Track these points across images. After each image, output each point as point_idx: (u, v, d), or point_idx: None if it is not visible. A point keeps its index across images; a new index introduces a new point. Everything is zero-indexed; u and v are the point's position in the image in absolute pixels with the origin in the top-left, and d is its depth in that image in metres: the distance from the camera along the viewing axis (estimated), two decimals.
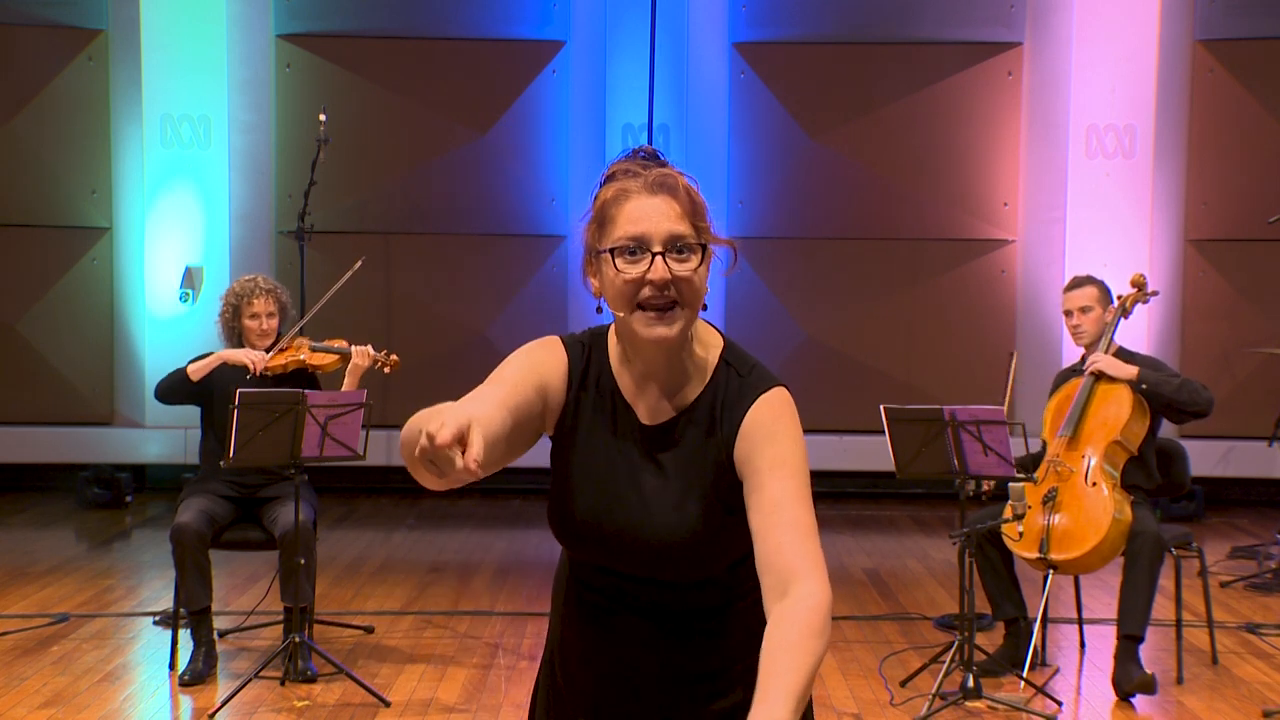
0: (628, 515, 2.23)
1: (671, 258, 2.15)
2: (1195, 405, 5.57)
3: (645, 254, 2.15)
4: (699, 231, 2.18)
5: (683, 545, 2.21)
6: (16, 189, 9.63)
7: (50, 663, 5.78)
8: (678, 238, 2.16)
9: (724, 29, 9.63)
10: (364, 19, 9.64)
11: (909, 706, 5.28)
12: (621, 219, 2.17)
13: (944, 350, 9.62)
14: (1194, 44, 9.44)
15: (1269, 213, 8.13)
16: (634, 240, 2.15)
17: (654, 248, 2.15)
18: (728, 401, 2.23)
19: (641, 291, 2.15)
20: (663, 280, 2.14)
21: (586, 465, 2.26)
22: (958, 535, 5.24)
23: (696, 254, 2.17)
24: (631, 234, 2.16)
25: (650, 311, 2.16)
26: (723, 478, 2.22)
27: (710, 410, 2.24)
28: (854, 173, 9.60)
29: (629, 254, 2.16)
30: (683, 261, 2.16)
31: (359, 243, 9.58)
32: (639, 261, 2.15)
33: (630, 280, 2.15)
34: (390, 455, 9.48)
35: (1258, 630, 6.35)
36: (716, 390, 2.25)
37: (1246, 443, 9.22)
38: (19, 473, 9.86)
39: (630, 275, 2.15)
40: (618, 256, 2.16)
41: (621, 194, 2.18)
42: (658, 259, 2.15)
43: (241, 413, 5.30)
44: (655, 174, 2.19)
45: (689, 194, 2.19)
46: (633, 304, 2.16)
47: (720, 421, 2.23)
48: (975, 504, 5.79)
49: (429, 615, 6.60)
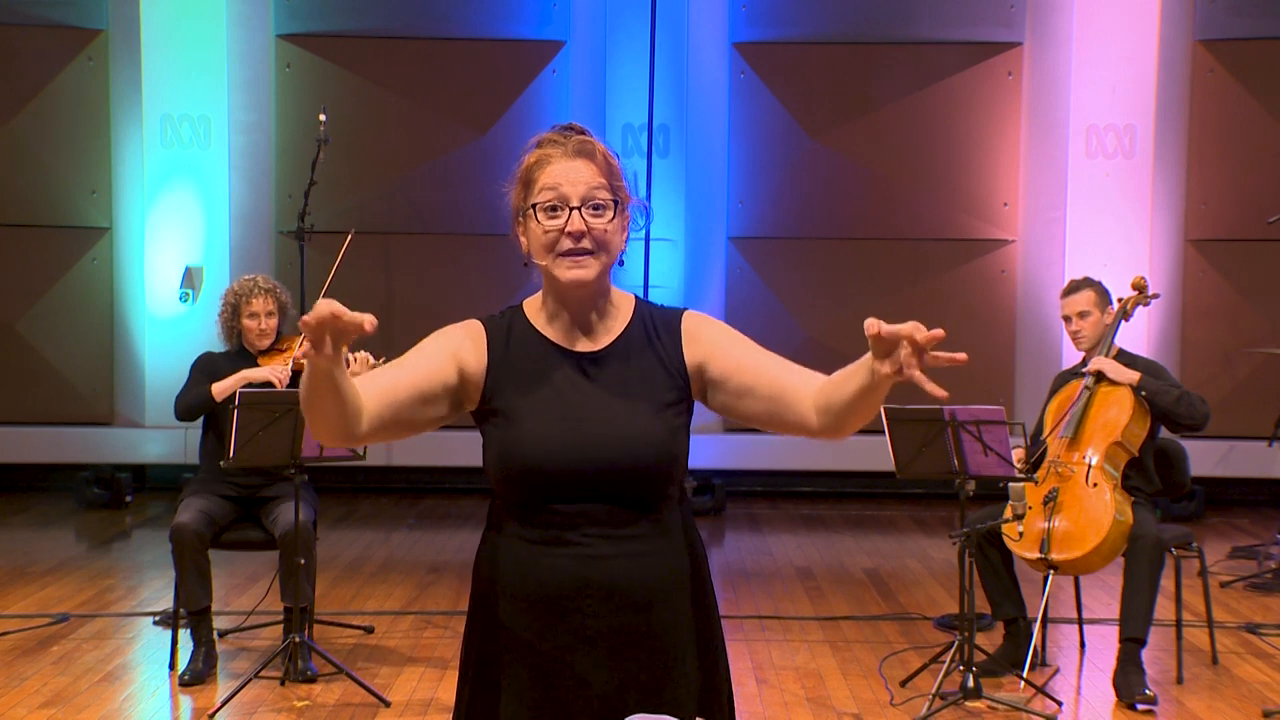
0: (599, 436, 2.41)
1: (588, 212, 2.43)
2: (1192, 419, 5.58)
3: (564, 209, 2.43)
4: (614, 190, 2.46)
5: (652, 450, 2.42)
6: (16, 189, 9.63)
7: (50, 663, 5.78)
8: (593, 195, 2.43)
9: (724, 29, 9.63)
10: (364, 19, 9.64)
11: (909, 706, 5.28)
12: (544, 179, 2.45)
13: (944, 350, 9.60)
14: (1194, 44, 9.44)
15: (1269, 213, 8.13)
16: (554, 197, 2.44)
17: (572, 203, 2.43)
18: (657, 326, 2.53)
19: (561, 242, 2.43)
20: (579, 231, 2.42)
21: (537, 409, 2.44)
22: (958, 535, 5.24)
23: (610, 209, 2.45)
24: (552, 192, 2.44)
25: (567, 258, 2.42)
26: (673, 386, 2.48)
27: (644, 335, 2.51)
28: (854, 173, 9.60)
29: (550, 210, 2.44)
30: (598, 216, 2.44)
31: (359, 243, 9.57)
32: (558, 216, 2.43)
33: (550, 232, 2.43)
34: (390, 455, 9.49)
35: (1258, 630, 6.35)
36: (642, 322, 2.53)
37: (1246, 443, 9.22)
38: (19, 473, 9.86)
39: (550, 227, 2.43)
40: (540, 212, 2.44)
41: (544, 158, 2.47)
42: (575, 213, 2.43)
43: (241, 413, 5.30)
44: (576, 140, 2.47)
45: (606, 158, 2.47)
46: (554, 253, 2.44)
47: (658, 341, 2.51)
48: (975, 504, 5.79)
49: (429, 615, 6.60)
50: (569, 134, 2.48)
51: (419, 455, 9.48)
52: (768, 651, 6.02)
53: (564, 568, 2.42)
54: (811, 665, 5.83)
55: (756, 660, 5.89)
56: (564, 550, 2.42)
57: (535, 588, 2.43)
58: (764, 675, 5.70)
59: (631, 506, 2.44)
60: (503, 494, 2.48)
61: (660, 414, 2.45)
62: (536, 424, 2.42)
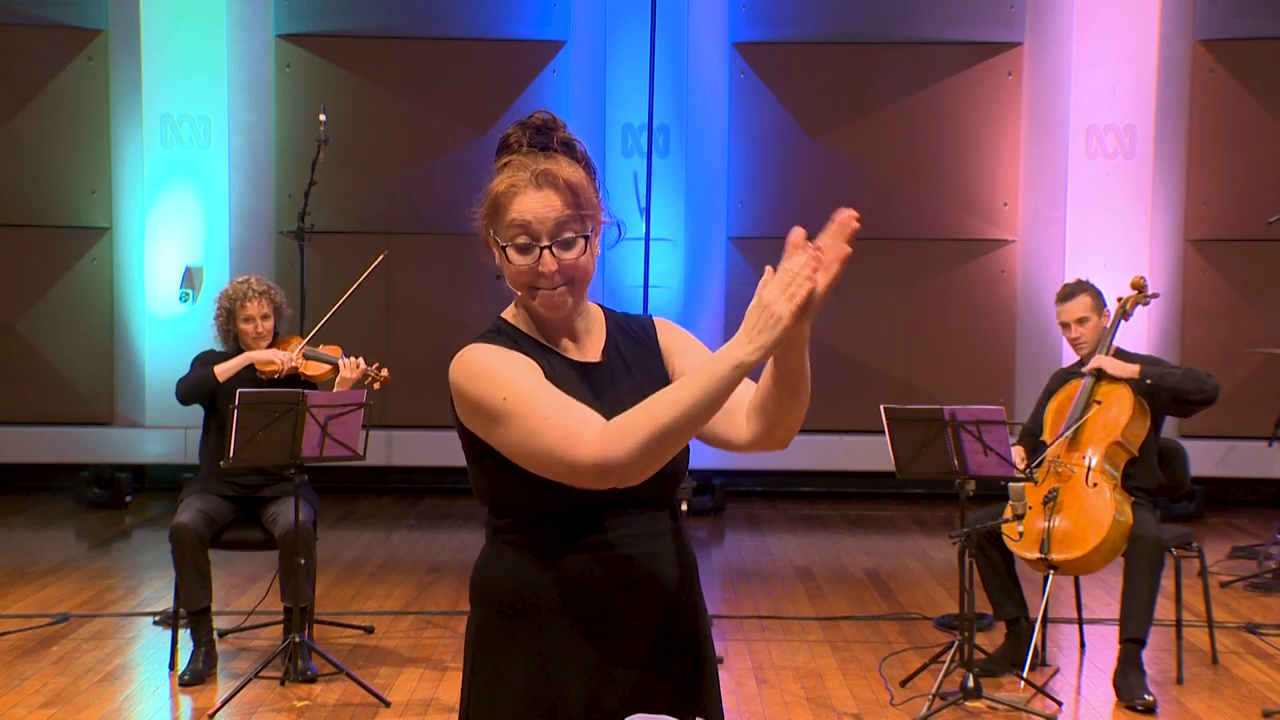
0: None
1: (558, 249, 2.40)
2: (1202, 393, 5.56)
3: (535, 247, 2.40)
4: (583, 221, 2.42)
5: None
6: (16, 189, 9.63)
7: (50, 663, 5.78)
8: (561, 231, 2.39)
9: (724, 29, 9.63)
10: (364, 19, 9.64)
11: (909, 706, 5.28)
12: (512, 211, 2.41)
13: (944, 350, 9.62)
14: (1194, 44, 9.44)
15: (1269, 213, 8.13)
16: (524, 234, 2.40)
17: (541, 241, 2.40)
18: (632, 329, 2.56)
19: (534, 279, 2.42)
20: (551, 273, 2.40)
21: None
22: (958, 535, 5.24)
23: (580, 243, 2.41)
24: (521, 230, 2.40)
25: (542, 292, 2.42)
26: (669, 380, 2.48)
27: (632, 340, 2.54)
28: (854, 173, 9.60)
29: (520, 249, 2.41)
30: (568, 250, 2.40)
31: (359, 243, 9.59)
32: (530, 253, 2.41)
33: (524, 272, 2.42)
34: (390, 455, 9.49)
35: (1258, 630, 6.35)
36: (618, 325, 2.56)
37: (1246, 443, 9.22)
38: (19, 473, 9.87)
39: (523, 266, 2.41)
40: (510, 249, 2.42)
41: (511, 189, 2.41)
42: (545, 253, 2.40)
43: (241, 413, 5.30)
44: (540, 168, 2.41)
45: (569, 186, 2.40)
46: (528, 289, 2.44)
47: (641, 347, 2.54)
48: (975, 504, 5.78)
49: (429, 615, 6.60)
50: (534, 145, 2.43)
51: (419, 455, 9.48)
52: (768, 651, 6.02)
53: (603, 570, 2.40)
54: (811, 665, 5.83)
55: (756, 660, 5.89)
56: (603, 554, 2.40)
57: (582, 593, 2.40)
58: (764, 675, 5.70)
59: (656, 507, 2.45)
60: (527, 503, 2.43)
61: None
62: None
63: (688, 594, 2.50)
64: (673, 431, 2.19)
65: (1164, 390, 5.58)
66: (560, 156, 2.43)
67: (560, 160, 2.43)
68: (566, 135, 2.46)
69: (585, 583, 2.40)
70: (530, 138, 2.44)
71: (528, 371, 2.37)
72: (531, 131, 2.45)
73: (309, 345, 6.04)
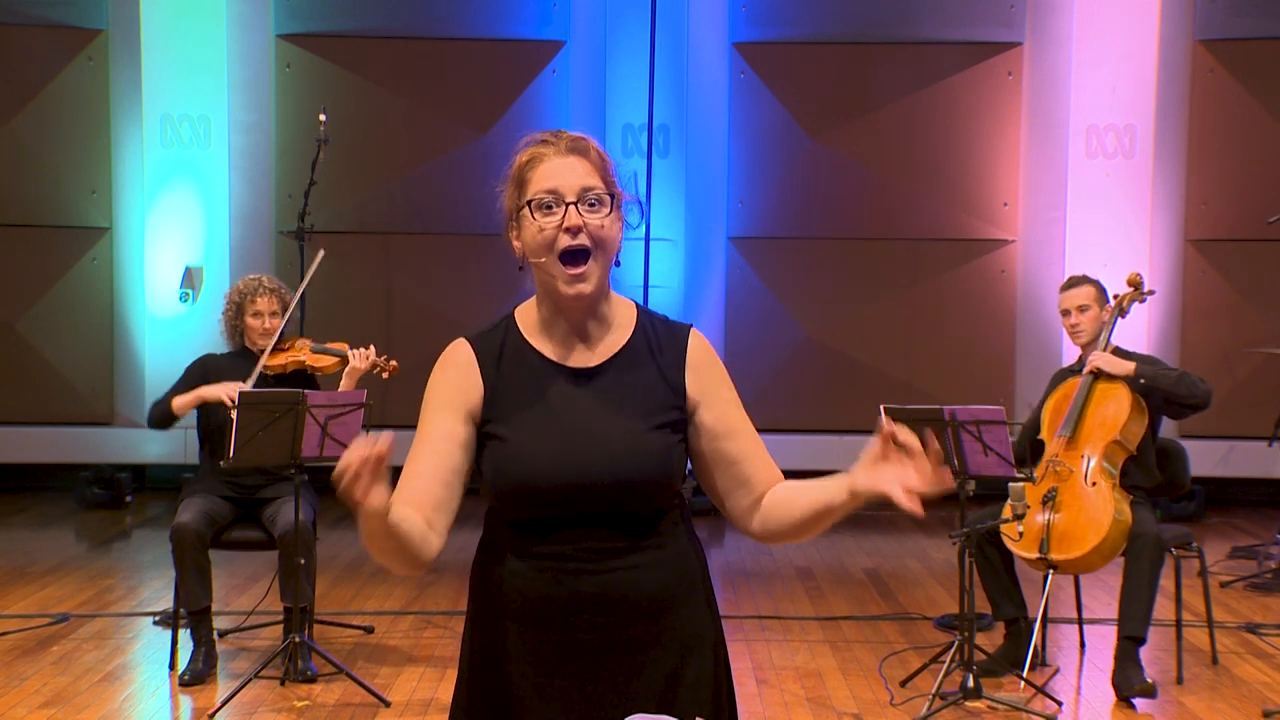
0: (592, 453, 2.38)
1: (584, 208, 2.38)
2: (1194, 398, 5.57)
3: (560, 206, 2.38)
4: (608, 185, 2.42)
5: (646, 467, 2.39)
6: (16, 189, 9.64)
7: (50, 663, 5.78)
8: (589, 190, 2.39)
9: (724, 29, 9.63)
10: (364, 19, 9.64)
11: (909, 706, 5.28)
12: (537, 178, 2.40)
13: (944, 350, 9.62)
14: (1194, 44, 9.44)
15: (1269, 213, 8.13)
16: (549, 194, 2.39)
17: (568, 198, 2.38)
18: (660, 341, 2.48)
19: (559, 239, 2.37)
20: (576, 226, 2.37)
21: (530, 427, 2.41)
22: (958, 535, 5.24)
23: (607, 205, 2.40)
24: (547, 189, 2.39)
25: (567, 267, 2.37)
26: (671, 405, 2.44)
27: (646, 347, 2.47)
28: (854, 173, 9.60)
29: (545, 208, 2.39)
30: (594, 211, 2.39)
31: (359, 243, 9.60)
32: (554, 214, 2.38)
33: (547, 229, 2.38)
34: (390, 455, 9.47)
35: (1258, 630, 6.35)
36: (645, 334, 2.48)
37: (1246, 443, 9.22)
38: (19, 473, 9.87)
39: (547, 225, 2.38)
40: (535, 210, 2.39)
41: (536, 157, 2.43)
42: (571, 208, 2.38)
43: (241, 413, 5.30)
44: (568, 138, 2.43)
45: (599, 155, 2.43)
46: (551, 251, 2.38)
47: (660, 354, 2.47)
48: (975, 504, 5.79)
49: (429, 615, 6.60)
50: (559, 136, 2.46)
51: None
52: (768, 651, 6.02)
53: (557, 582, 2.40)
54: (811, 665, 5.83)
55: (756, 660, 5.89)
56: (557, 565, 2.40)
57: (531, 603, 2.42)
58: (764, 675, 5.70)
59: (626, 522, 2.41)
60: (499, 509, 2.47)
61: (657, 430, 2.42)
62: (529, 442, 2.40)
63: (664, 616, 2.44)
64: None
65: (1157, 392, 5.59)
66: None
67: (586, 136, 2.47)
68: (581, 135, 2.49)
69: (536, 591, 2.41)
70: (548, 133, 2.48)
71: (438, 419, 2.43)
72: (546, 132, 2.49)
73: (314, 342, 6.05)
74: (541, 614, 2.41)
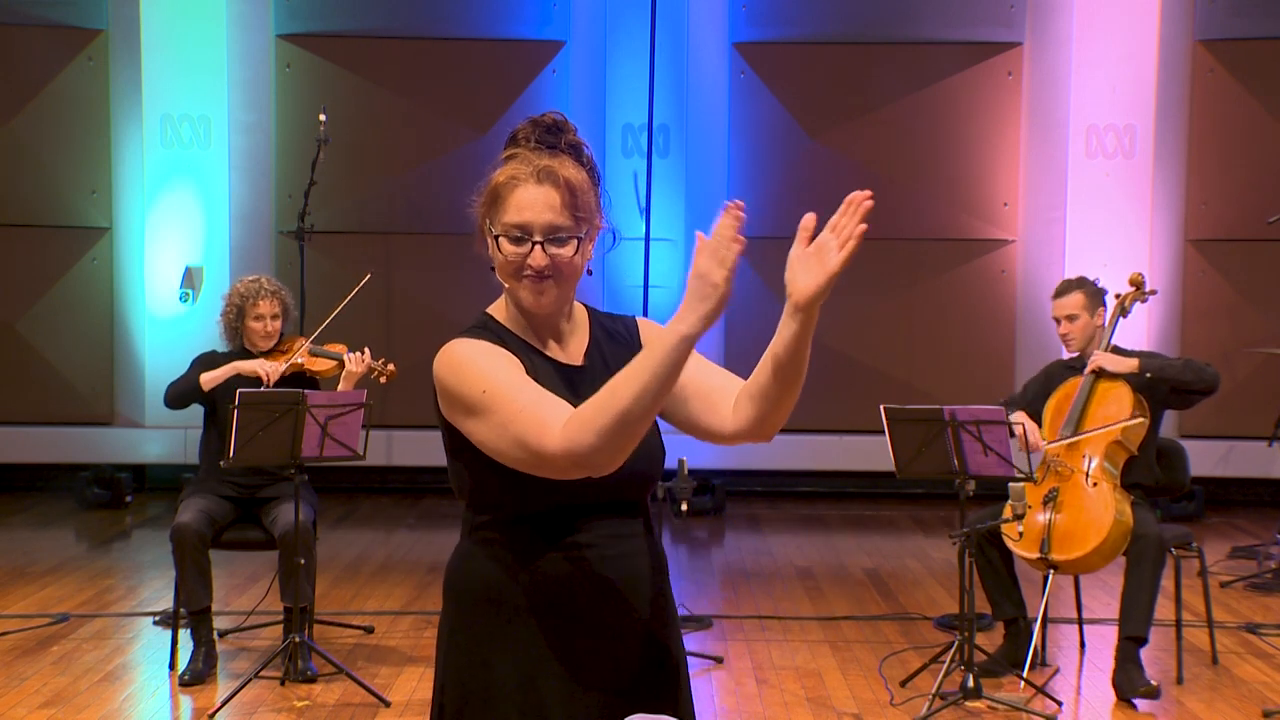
0: None
1: (550, 245, 2.43)
2: (1202, 383, 5.58)
3: (528, 240, 2.43)
4: (577, 222, 2.44)
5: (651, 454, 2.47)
6: (16, 189, 9.63)
7: (50, 663, 5.78)
8: (556, 228, 2.42)
9: (724, 29, 9.63)
10: (364, 19, 9.64)
11: (909, 706, 5.28)
12: (510, 205, 2.44)
13: (944, 350, 9.62)
14: (1194, 44, 9.44)
15: (1269, 213, 8.13)
16: (518, 228, 2.43)
17: (534, 236, 2.42)
18: (615, 330, 2.58)
19: (524, 270, 2.44)
20: (540, 267, 2.43)
21: None
22: (958, 535, 5.24)
23: (572, 241, 2.44)
24: (516, 222, 2.43)
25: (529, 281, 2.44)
26: None
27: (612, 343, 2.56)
28: (854, 173, 9.59)
29: (514, 240, 2.43)
30: (560, 247, 2.43)
31: (359, 243, 9.60)
32: (522, 246, 2.43)
33: (514, 261, 2.44)
34: (390, 455, 9.49)
35: (1258, 630, 6.35)
36: (602, 325, 2.58)
37: (1246, 443, 9.22)
38: (19, 473, 9.86)
39: (513, 256, 2.44)
40: (503, 238, 2.44)
41: (511, 180, 2.44)
42: (537, 247, 2.42)
43: (241, 413, 5.30)
44: (541, 166, 2.44)
45: (569, 186, 2.43)
46: (517, 277, 2.46)
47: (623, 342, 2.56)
48: (975, 504, 5.79)
49: (429, 615, 6.60)
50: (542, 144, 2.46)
51: (419, 455, 9.48)
52: (768, 651, 6.02)
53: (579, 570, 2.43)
54: (811, 665, 5.83)
55: (756, 660, 5.89)
56: (577, 555, 2.43)
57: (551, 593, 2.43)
58: (764, 675, 5.70)
59: (629, 511, 2.49)
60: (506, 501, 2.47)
61: None
62: None
63: (660, 596, 2.53)
64: (635, 412, 2.20)
65: (1164, 382, 5.59)
66: (566, 158, 2.46)
67: (565, 161, 2.46)
68: (575, 139, 2.50)
69: (561, 583, 2.43)
70: (539, 135, 2.47)
71: (508, 366, 2.40)
72: (542, 130, 2.48)
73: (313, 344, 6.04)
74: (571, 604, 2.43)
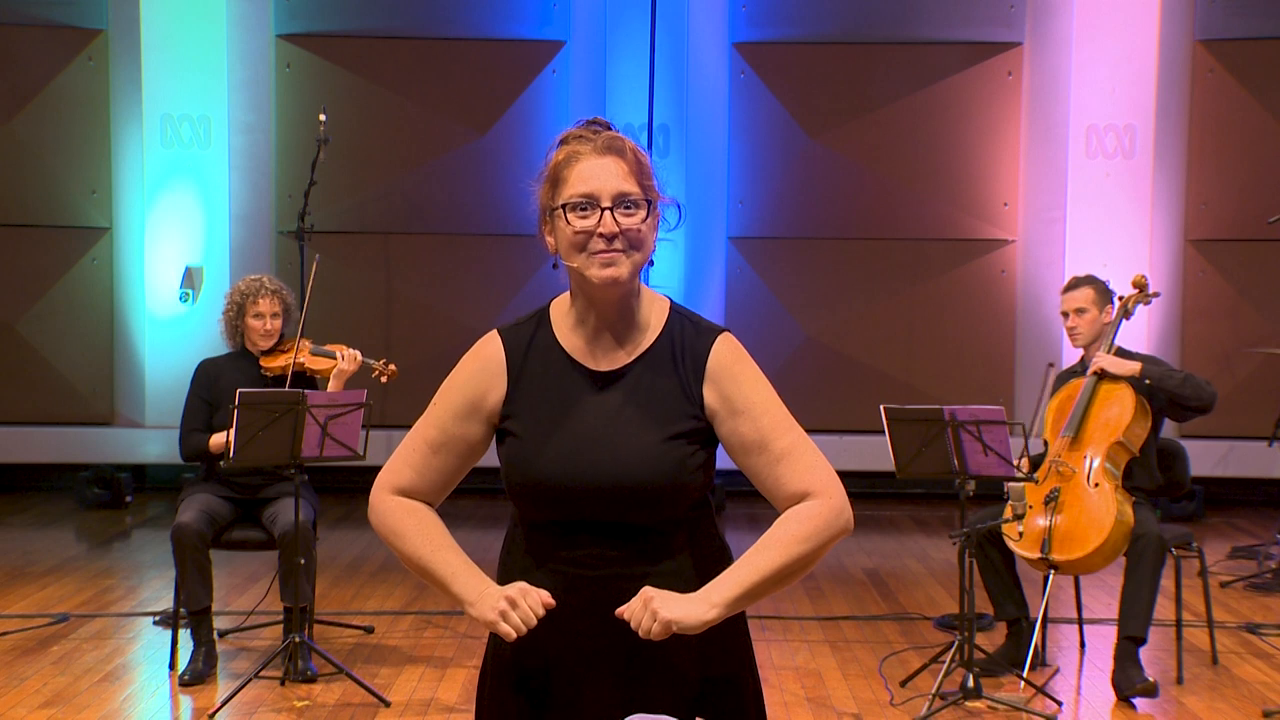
0: (600, 459, 2.36)
1: (619, 212, 2.36)
2: (1199, 400, 5.58)
3: (595, 209, 2.35)
4: (644, 190, 2.38)
5: (652, 475, 2.36)
6: (16, 189, 9.63)
7: (50, 663, 5.78)
8: (625, 195, 2.36)
9: (724, 29, 9.63)
10: (364, 19, 9.64)
11: (909, 706, 5.28)
12: (573, 178, 2.37)
13: (944, 350, 9.62)
14: (1194, 44, 9.44)
15: (1269, 213, 8.13)
16: (585, 197, 2.36)
17: (603, 203, 2.35)
18: (685, 345, 2.43)
19: (593, 242, 2.35)
20: (611, 232, 2.35)
21: (548, 424, 2.40)
22: (958, 535, 5.24)
23: (642, 209, 2.38)
24: (582, 191, 2.36)
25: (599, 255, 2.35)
26: (689, 415, 2.41)
27: (670, 353, 2.43)
28: (854, 173, 9.60)
29: (580, 210, 2.36)
30: (629, 215, 2.37)
31: (359, 243, 9.60)
32: (589, 216, 2.36)
33: (581, 232, 2.36)
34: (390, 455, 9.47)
35: (1258, 630, 6.35)
36: (672, 336, 2.44)
37: (1246, 443, 9.22)
38: (19, 473, 9.86)
39: (581, 228, 2.36)
40: (570, 211, 2.36)
41: (573, 156, 2.39)
42: (606, 213, 2.35)
43: (241, 413, 5.30)
44: (605, 137, 2.39)
45: (636, 155, 2.39)
46: (585, 252, 2.36)
47: (682, 363, 2.42)
48: (975, 504, 5.79)
49: (429, 615, 6.60)
50: (597, 130, 2.41)
51: None
52: (768, 651, 6.02)
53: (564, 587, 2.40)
54: (811, 665, 5.84)
55: (757, 660, 5.89)
56: (564, 571, 2.42)
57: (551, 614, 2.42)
58: (764, 675, 5.67)
59: (633, 529, 2.40)
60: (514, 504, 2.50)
61: (671, 440, 2.39)
62: (542, 442, 2.40)
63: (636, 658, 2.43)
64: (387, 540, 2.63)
65: (1162, 393, 5.60)
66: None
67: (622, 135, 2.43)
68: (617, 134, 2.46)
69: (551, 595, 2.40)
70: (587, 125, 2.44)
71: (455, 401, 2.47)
72: (588, 123, 2.45)
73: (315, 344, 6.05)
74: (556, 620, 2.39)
